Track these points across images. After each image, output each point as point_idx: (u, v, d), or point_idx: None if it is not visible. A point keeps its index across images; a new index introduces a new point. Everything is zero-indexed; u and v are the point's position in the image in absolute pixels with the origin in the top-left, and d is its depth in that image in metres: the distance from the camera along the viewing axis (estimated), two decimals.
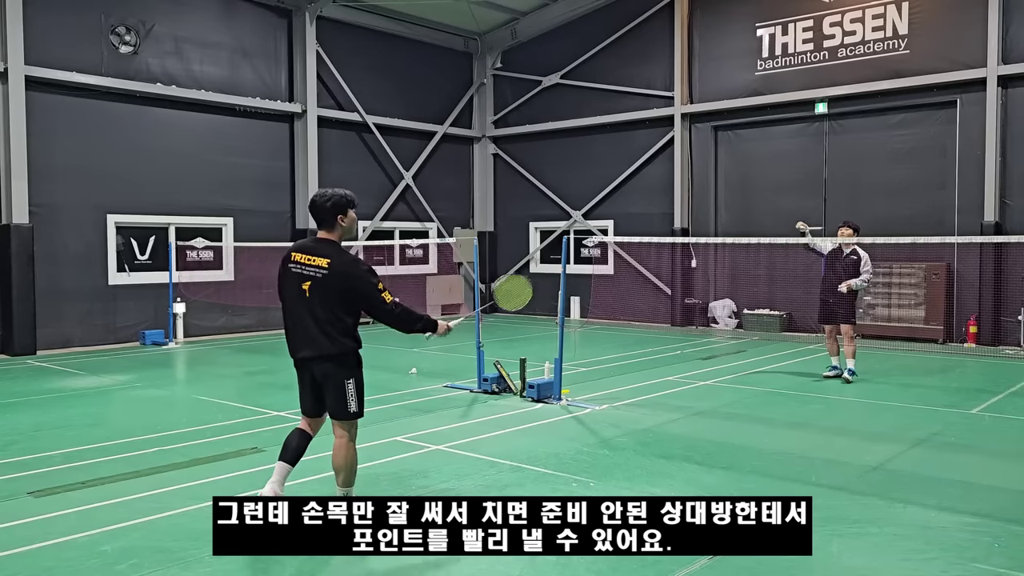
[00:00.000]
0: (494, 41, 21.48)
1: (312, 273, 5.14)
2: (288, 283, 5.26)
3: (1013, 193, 14.45)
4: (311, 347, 5.21)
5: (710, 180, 18.13)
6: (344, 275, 5.11)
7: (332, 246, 5.23)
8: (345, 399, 5.25)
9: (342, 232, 5.31)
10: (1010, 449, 7.48)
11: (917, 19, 15.28)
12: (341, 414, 5.29)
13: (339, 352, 5.20)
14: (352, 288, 5.14)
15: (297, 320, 5.25)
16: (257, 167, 17.48)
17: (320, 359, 5.21)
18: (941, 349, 14.30)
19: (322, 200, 5.24)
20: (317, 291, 5.12)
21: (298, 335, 5.28)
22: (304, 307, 5.18)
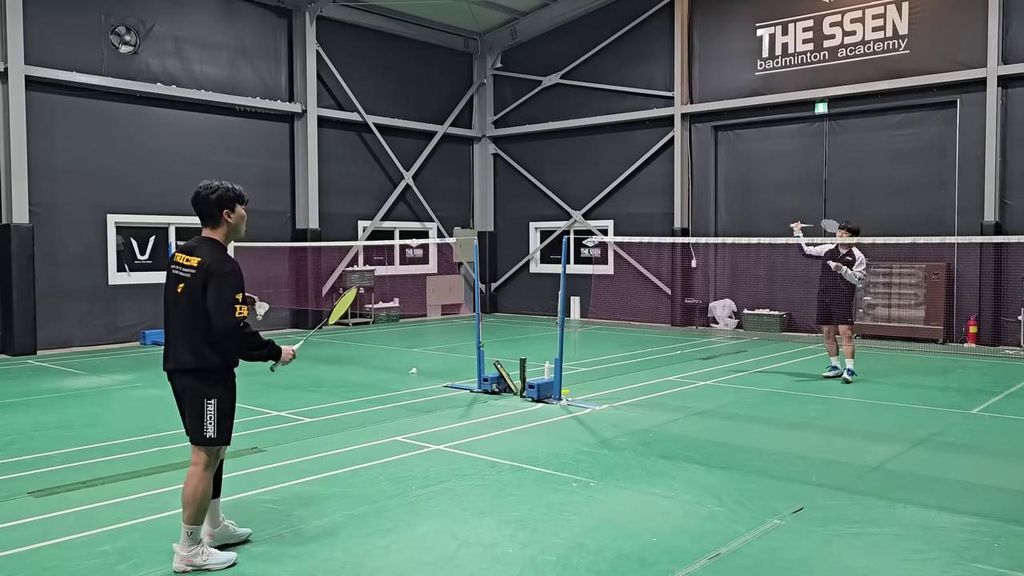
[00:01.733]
0: (494, 41, 21.48)
1: (185, 274, 4.58)
2: (168, 286, 4.69)
3: (1013, 193, 14.45)
4: (173, 358, 4.64)
5: (710, 180, 18.13)
6: (207, 274, 4.50)
7: (211, 246, 4.65)
8: (202, 421, 4.58)
9: (228, 230, 4.72)
10: (1010, 449, 7.47)
11: (917, 19, 15.28)
12: (197, 438, 4.62)
13: (201, 366, 4.57)
14: (209, 288, 4.49)
15: (168, 326, 4.70)
16: (257, 167, 17.48)
17: (181, 371, 4.62)
18: (941, 349, 14.30)
19: (206, 192, 4.65)
20: (187, 294, 4.56)
21: (167, 344, 4.70)
22: (175, 312, 4.62)
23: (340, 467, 6.75)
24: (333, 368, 12.48)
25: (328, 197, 18.40)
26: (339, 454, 7.20)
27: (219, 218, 4.67)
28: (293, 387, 10.72)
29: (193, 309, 4.53)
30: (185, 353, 4.57)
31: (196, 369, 4.57)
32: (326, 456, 7.13)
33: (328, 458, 7.06)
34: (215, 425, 4.59)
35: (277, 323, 17.83)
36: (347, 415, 8.89)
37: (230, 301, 4.48)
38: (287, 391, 10.40)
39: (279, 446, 7.46)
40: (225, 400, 4.64)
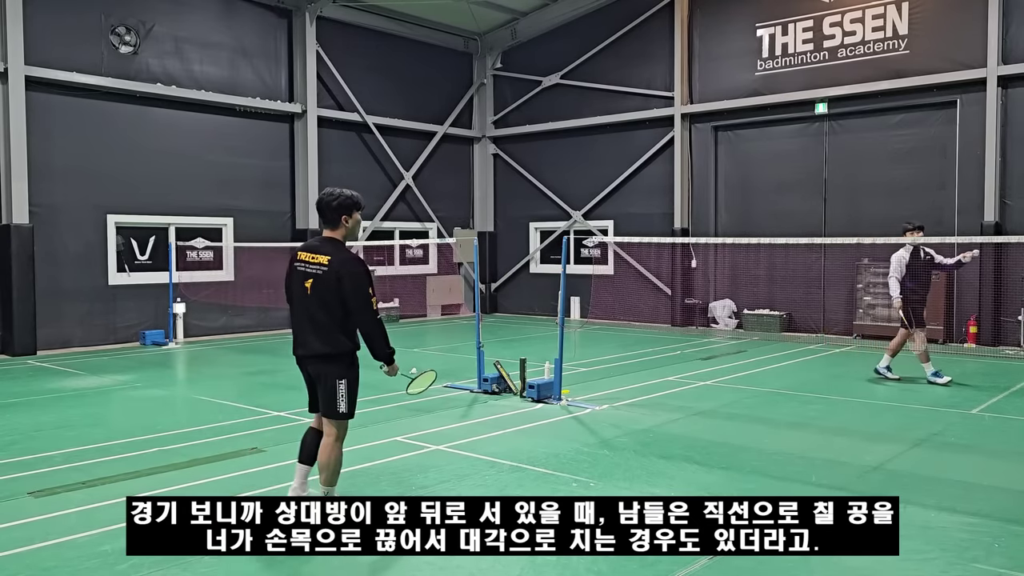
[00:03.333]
0: (494, 41, 21.48)
1: (313, 271, 5.18)
2: (293, 281, 5.30)
3: (1013, 193, 14.45)
4: (307, 345, 5.26)
5: (710, 180, 18.13)
6: (339, 272, 5.10)
7: (335, 245, 5.27)
8: (335, 399, 5.22)
9: (346, 232, 5.34)
10: (1010, 449, 7.48)
11: (917, 19, 15.28)
12: (331, 413, 5.27)
13: (332, 351, 5.20)
14: (344, 285, 5.10)
15: (298, 318, 5.31)
16: (257, 167, 17.48)
17: (314, 357, 5.25)
18: (941, 349, 14.29)
19: (328, 199, 5.32)
20: (316, 289, 5.15)
21: (298, 333, 5.33)
22: (304, 305, 5.23)
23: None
24: None
25: None
26: None
27: (338, 221, 5.31)
28: (293, 387, 10.69)
29: (324, 302, 5.13)
30: (317, 341, 5.18)
31: (328, 354, 5.19)
32: None
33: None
34: (346, 402, 5.25)
35: (277, 324, 17.85)
36: None
37: (367, 296, 5.12)
38: (287, 391, 10.40)
39: (279, 446, 7.46)
40: (353, 380, 5.29)
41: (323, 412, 5.30)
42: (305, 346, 5.27)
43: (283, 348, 14.86)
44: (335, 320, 5.16)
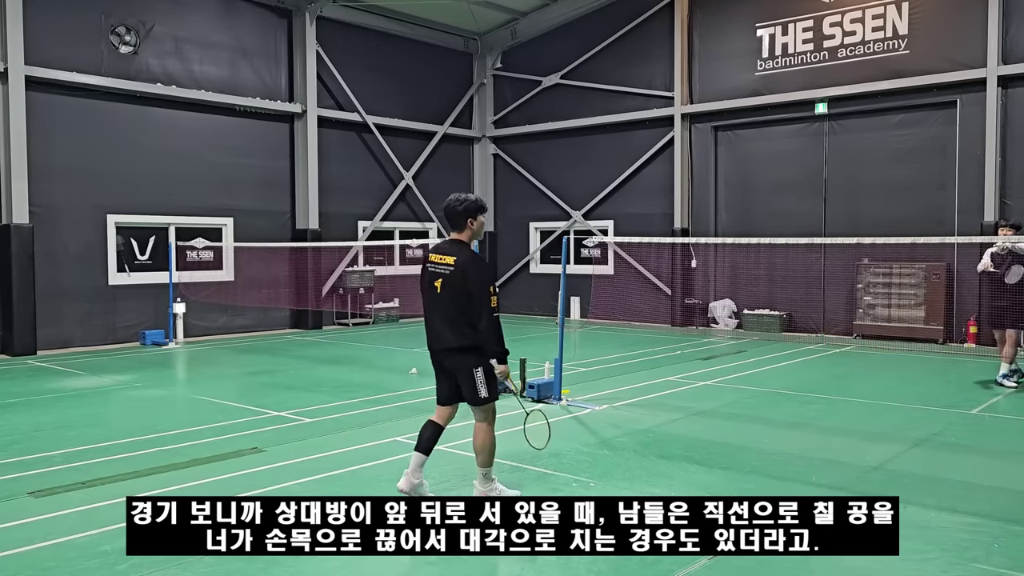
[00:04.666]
0: (494, 41, 21.48)
1: (442, 271, 5.62)
2: (426, 281, 5.74)
3: (1013, 193, 14.44)
4: (441, 340, 5.68)
5: (710, 180, 18.13)
6: (465, 271, 5.52)
7: (461, 246, 5.70)
8: (476, 386, 5.61)
9: (471, 234, 5.76)
10: (1010, 449, 7.48)
11: (917, 19, 15.28)
12: (474, 400, 5.66)
13: (466, 344, 5.58)
14: (468, 282, 5.51)
15: (431, 315, 5.75)
16: (257, 167, 17.49)
17: (449, 351, 5.65)
18: (941, 349, 14.30)
19: (455, 204, 5.72)
20: (446, 287, 5.59)
21: (432, 329, 5.76)
22: (436, 303, 5.67)
23: (340, 467, 6.75)
24: (333, 368, 12.48)
25: (328, 197, 18.40)
26: (339, 454, 7.20)
27: (464, 224, 5.72)
28: (293, 387, 10.72)
29: (454, 299, 5.55)
30: (450, 336, 5.60)
31: (461, 347, 5.58)
32: (326, 456, 7.14)
33: (328, 458, 7.07)
34: (486, 387, 5.61)
35: (276, 323, 17.85)
36: (347, 415, 8.89)
37: (487, 293, 5.49)
38: (287, 391, 10.41)
39: (279, 446, 7.46)
40: (488, 367, 5.60)
41: (468, 401, 5.71)
42: (439, 340, 5.68)
43: (283, 348, 14.88)
44: (465, 315, 5.55)
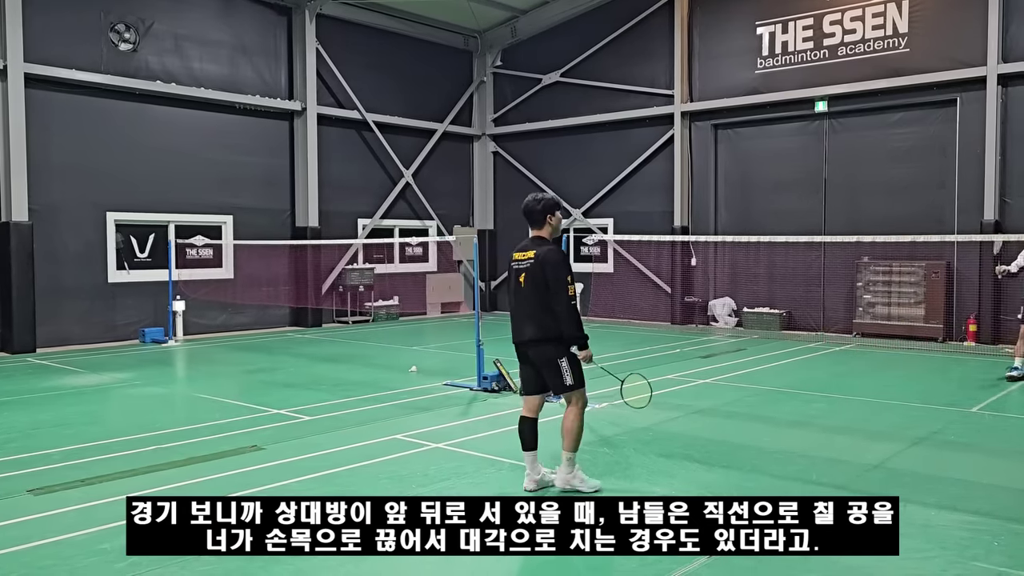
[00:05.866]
0: (494, 39, 21.46)
1: (524, 266, 5.92)
2: (511, 278, 6.03)
3: (1013, 192, 14.43)
4: (524, 332, 5.94)
5: (710, 178, 18.12)
6: (543, 263, 5.79)
7: (541, 242, 5.98)
8: (561, 375, 5.85)
9: (551, 230, 6.03)
10: (1010, 448, 7.47)
11: (917, 17, 15.26)
12: (560, 388, 5.92)
13: (549, 335, 5.82)
14: (546, 272, 5.77)
15: (515, 309, 6.02)
16: (257, 165, 17.47)
17: (533, 343, 5.90)
18: (941, 348, 14.29)
19: (534, 204, 6.03)
20: (528, 281, 5.88)
21: (516, 322, 6.02)
22: (520, 297, 5.95)
23: (340, 465, 6.74)
24: (332, 366, 12.47)
25: (328, 195, 18.38)
26: (338, 452, 7.19)
27: (544, 221, 6.01)
28: (292, 385, 10.72)
29: (535, 293, 5.83)
30: (533, 328, 5.86)
31: (544, 339, 5.83)
32: (326, 454, 7.13)
33: (328, 456, 7.06)
34: (571, 375, 5.87)
35: (276, 321, 17.84)
36: (347, 413, 8.88)
37: (564, 282, 5.75)
38: (286, 389, 10.40)
39: (278, 444, 7.46)
40: (571, 355, 5.84)
41: (555, 390, 5.96)
42: (521, 333, 5.97)
43: (282, 346, 14.87)
44: (546, 307, 5.81)
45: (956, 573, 4.53)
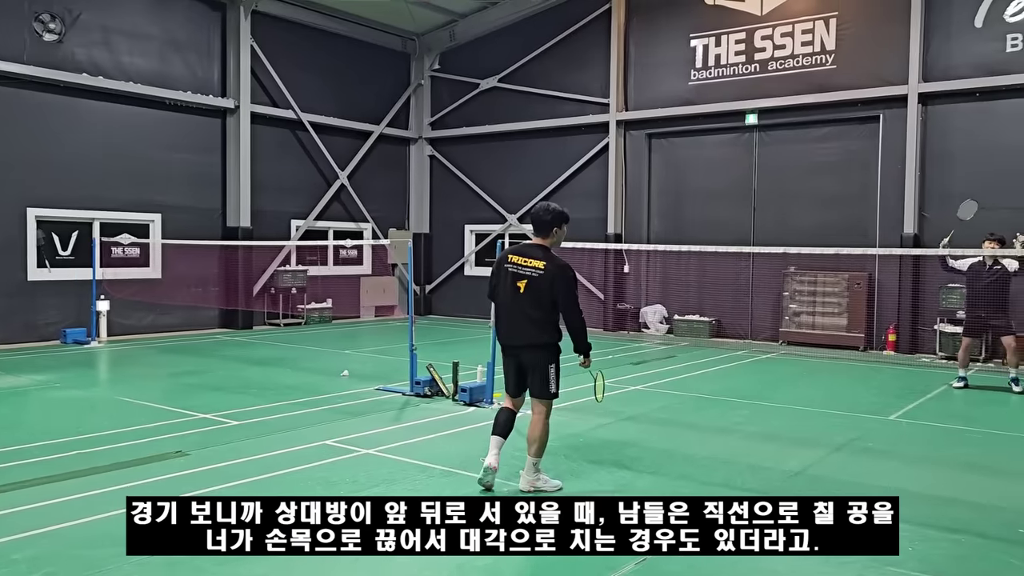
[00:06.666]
0: (432, 42, 21.41)
1: (528, 273, 6.02)
2: (503, 280, 6.13)
3: (931, 206, 14.99)
4: (521, 336, 6.10)
5: (643, 187, 18.39)
6: (554, 277, 5.98)
7: (545, 251, 6.13)
8: (548, 381, 6.08)
9: (554, 240, 6.22)
10: (924, 454, 7.77)
11: (844, 36, 15.77)
12: (543, 394, 6.11)
13: (545, 341, 6.06)
14: (557, 288, 5.97)
15: (509, 313, 6.14)
16: (187, 163, 17.07)
17: (529, 347, 6.09)
18: (862, 356, 14.77)
19: (544, 213, 6.19)
20: (530, 289, 6.00)
21: (510, 325, 6.16)
22: (518, 302, 6.05)
23: (267, 471, 6.63)
24: (262, 369, 12.26)
25: (260, 195, 18.06)
26: (266, 458, 7.07)
27: (550, 232, 6.19)
28: (220, 388, 10.50)
29: (537, 301, 6.00)
30: (530, 333, 6.05)
31: (542, 344, 6.07)
32: (253, 460, 7.00)
33: (255, 462, 6.94)
34: (556, 383, 6.14)
35: (205, 323, 17.46)
36: (276, 418, 8.75)
37: (575, 298, 6.05)
38: (214, 393, 10.19)
39: (204, 450, 7.30)
40: (558, 364, 6.16)
41: (536, 394, 6.13)
42: (518, 337, 6.12)
43: (211, 349, 14.55)
44: (547, 315, 6.02)
45: None
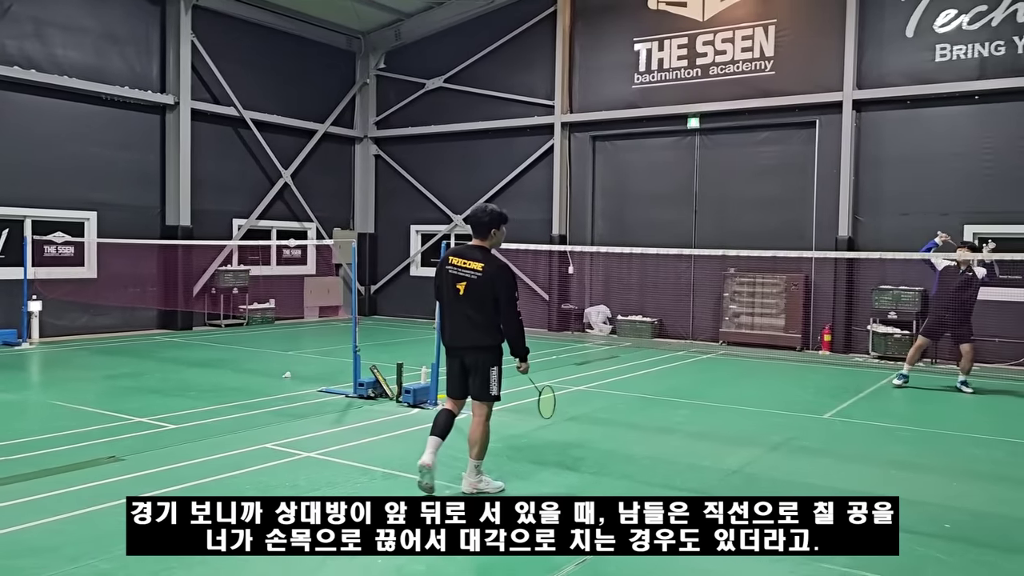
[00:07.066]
0: (378, 41, 21.27)
1: (467, 275, 6.00)
2: (445, 282, 6.12)
3: (864, 210, 15.44)
4: (463, 338, 6.07)
5: (588, 189, 18.55)
6: (494, 278, 5.95)
7: (485, 252, 6.11)
8: (489, 383, 6.06)
9: (493, 242, 6.18)
10: (856, 452, 7.99)
11: (783, 42, 16.12)
12: (484, 397, 6.09)
13: (488, 343, 6.03)
14: (497, 289, 5.93)
15: (452, 314, 6.12)
16: (124, 160, 16.67)
17: (472, 349, 6.05)
18: (799, 356, 15.13)
19: (482, 215, 6.14)
20: (470, 291, 5.99)
21: (453, 327, 6.13)
22: (459, 304, 6.04)
23: (204, 476, 6.52)
24: (202, 371, 12.04)
25: (201, 194, 17.72)
26: (204, 463, 6.96)
27: (488, 233, 6.13)
28: (157, 391, 10.29)
29: (478, 302, 5.97)
30: (476, 335, 6.01)
31: (484, 346, 6.02)
32: (190, 465, 6.89)
33: (192, 467, 6.82)
34: (497, 386, 6.11)
35: (144, 323, 17.08)
36: (215, 421, 8.61)
37: (514, 299, 6.01)
38: (150, 396, 9.98)
39: (139, 455, 7.15)
40: (500, 367, 6.10)
41: (476, 396, 6.11)
42: (461, 339, 6.08)
43: (149, 350, 14.24)
44: (488, 317, 5.99)
45: (804, 573, 4.81)
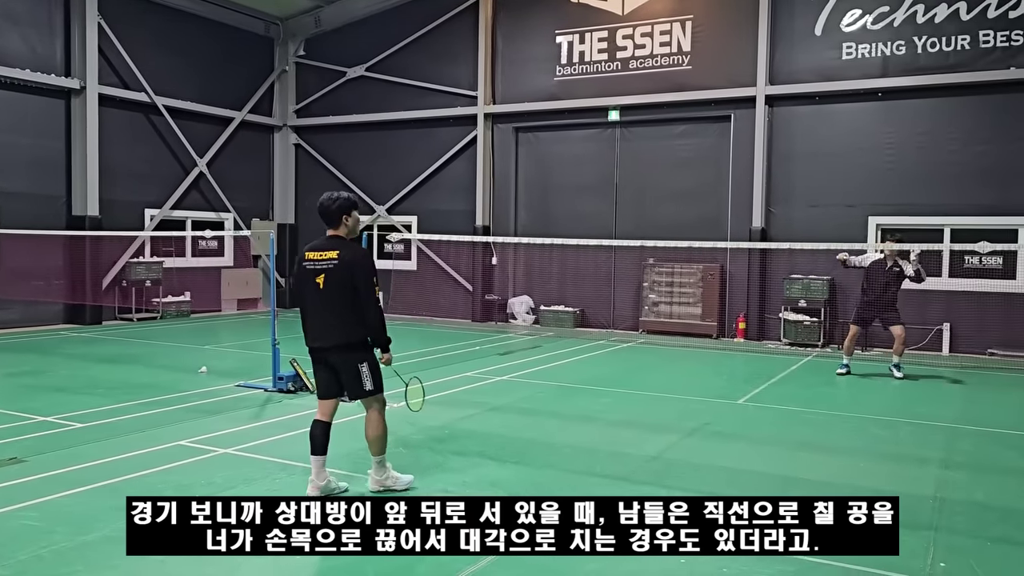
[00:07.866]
0: (297, 28, 20.84)
1: (324, 266, 5.76)
2: (304, 279, 5.85)
3: (776, 202, 15.91)
4: (325, 337, 5.79)
5: (511, 180, 18.59)
6: (351, 264, 5.71)
7: (340, 241, 5.89)
8: (360, 380, 5.79)
9: (347, 230, 5.96)
10: (770, 435, 8.25)
11: (699, 38, 16.45)
12: (359, 393, 5.85)
13: (351, 340, 5.76)
14: (355, 275, 5.69)
15: (314, 312, 5.85)
16: (25, 146, 15.92)
17: (334, 348, 5.77)
18: (715, 344, 15.52)
19: (328, 203, 5.95)
20: (329, 282, 5.73)
21: (315, 326, 5.85)
22: (320, 299, 5.77)
23: (114, 476, 6.31)
24: (112, 367, 11.63)
25: (110, 182, 17.06)
26: (114, 462, 6.73)
27: (340, 221, 5.92)
28: (63, 389, 9.89)
29: (341, 295, 5.71)
30: (336, 332, 5.74)
31: (347, 343, 5.74)
32: (99, 465, 6.65)
33: (101, 467, 6.59)
34: (371, 380, 5.82)
35: (48, 318, 16.38)
36: (126, 419, 8.33)
37: (372, 285, 5.74)
38: (56, 394, 9.58)
39: (43, 455, 6.86)
40: (372, 360, 5.84)
41: (352, 396, 5.89)
42: (324, 338, 5.79)
43: (54, 346, 13.66)
44: (351, 309, 5.73)
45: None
